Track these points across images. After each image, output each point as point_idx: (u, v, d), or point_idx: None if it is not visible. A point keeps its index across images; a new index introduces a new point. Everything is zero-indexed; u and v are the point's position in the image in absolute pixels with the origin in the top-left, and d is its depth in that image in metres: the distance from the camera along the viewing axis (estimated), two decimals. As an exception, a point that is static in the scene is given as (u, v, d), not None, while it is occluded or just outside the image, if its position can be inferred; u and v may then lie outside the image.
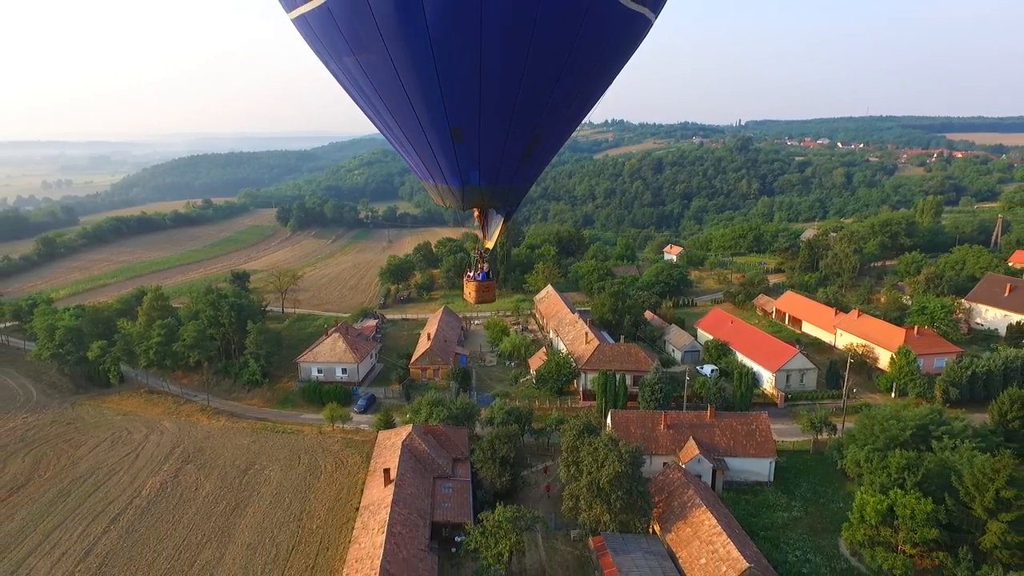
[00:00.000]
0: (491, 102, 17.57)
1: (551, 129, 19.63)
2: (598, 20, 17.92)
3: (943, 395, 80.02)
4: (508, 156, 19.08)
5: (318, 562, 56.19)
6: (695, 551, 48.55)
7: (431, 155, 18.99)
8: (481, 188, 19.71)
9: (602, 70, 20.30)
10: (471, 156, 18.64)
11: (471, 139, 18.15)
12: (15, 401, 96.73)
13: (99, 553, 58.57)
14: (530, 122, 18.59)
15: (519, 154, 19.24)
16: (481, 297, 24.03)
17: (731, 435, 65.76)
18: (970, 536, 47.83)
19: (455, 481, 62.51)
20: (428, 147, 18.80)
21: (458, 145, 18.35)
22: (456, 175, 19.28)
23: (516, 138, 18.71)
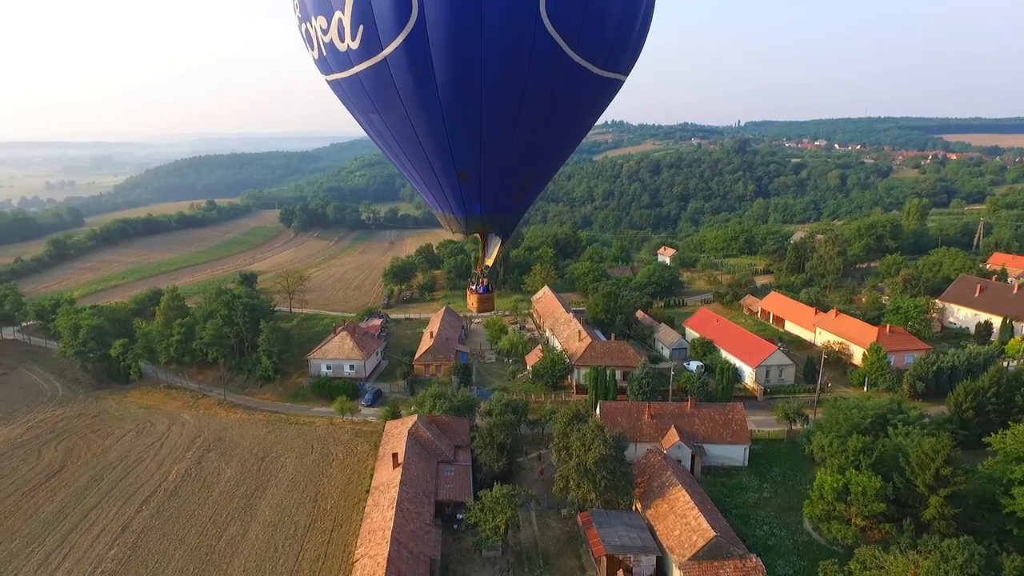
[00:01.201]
0: (489, 151, 23.69)
1: (540, 170, 25.77)
2: (576, 86, 24.05)
3: (910, 388, 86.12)
4: (504, 192, 25.22)
5: (333, 537, 62.22)
6: (671, 524, 54.59)
7: (441, 191, 25.14)
8: (482, 217, 25.83)
9: (581, 123, 26.48)
10: (473, 192, 24.76)
11: (473, 179, 24.27)
12: (43, 396, 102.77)
13: (134, 530, 64.62)
14: (522, 166, 24.74)
15: (514, 190, 25.39)
16: (482, 307, 30.34)
17: (709, 424, 71.83)
18: (914, 510, 53.75)
19: (457, 465, 68.58)
20: (438, 185, 24.93)
21: (463, 184, 24.46)
22: (461, 207, 25.40)
23: (511, 178, 24.85)
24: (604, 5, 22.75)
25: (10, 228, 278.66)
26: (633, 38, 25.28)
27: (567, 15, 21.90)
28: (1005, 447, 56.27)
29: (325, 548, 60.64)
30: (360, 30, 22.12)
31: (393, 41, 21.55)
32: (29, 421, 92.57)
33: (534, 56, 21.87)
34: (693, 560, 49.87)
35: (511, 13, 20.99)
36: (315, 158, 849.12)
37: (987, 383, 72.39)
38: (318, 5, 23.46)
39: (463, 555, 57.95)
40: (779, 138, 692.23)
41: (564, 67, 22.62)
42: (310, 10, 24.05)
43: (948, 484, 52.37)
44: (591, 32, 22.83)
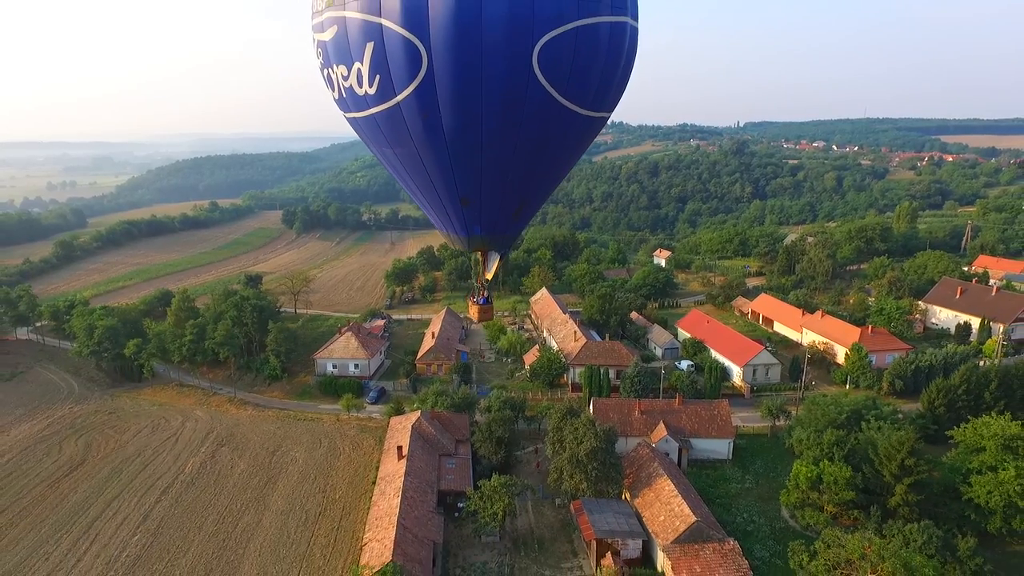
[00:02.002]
0: (488, 182, 27.99)
1: (533, 197, 30.14)
2: (565, 126, 28.37)
3: (889, 386, 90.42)
4: (502, 215, 29.54)
5: (342, 524, 66.46)
6: (656, 510, 58.84)
7: (445, 214, 29.43)
8: (482, 237, 30.16)
9: (570, 157, 30.85)
10: (474, 216, 29.07)
11: (474, 205, 28.58)
12: (60, 393, 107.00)
13: (155, 518, 68.87)
14: (517, 194, 29.10)
15: (510, 214, 29.74)
16: (482, 317, 35.02)
17: (696, 419, 76.09)
18: (881, 497, 57.94)
19: (458, 458, 72.81)
20: (443, 209, 29.23)
21: (465, 209, 28.75)
22: (464, 228, 29.69)
23: (507, 204, 29.20)
24: (589, 59, 27.03)
25: (15, 229, 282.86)
26: (615, 84, 29.54)
27: (556, 67, 26.18)
28: (965, 439, 60.45)
29: (335, 534, 64.86)
30: (377, 79, 26.38)
31: (405, 89, 25.81)
32: (49, 417, 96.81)
33: (528, 102, 26.14)
34: (675, 543, 54.12)
35: (508, 67, 25.24)
36: (315, 159, 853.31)
37: (958, 381, 76.65)
38: (339, 55, 27.69)
39: (463, 540, 62.19)
40: (778, 139, 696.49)
41: (554, 110, 26.90)
42: (332, 59, 28.28)
43: (912, 473, 56.63)
44: (578, 81, 27.11)
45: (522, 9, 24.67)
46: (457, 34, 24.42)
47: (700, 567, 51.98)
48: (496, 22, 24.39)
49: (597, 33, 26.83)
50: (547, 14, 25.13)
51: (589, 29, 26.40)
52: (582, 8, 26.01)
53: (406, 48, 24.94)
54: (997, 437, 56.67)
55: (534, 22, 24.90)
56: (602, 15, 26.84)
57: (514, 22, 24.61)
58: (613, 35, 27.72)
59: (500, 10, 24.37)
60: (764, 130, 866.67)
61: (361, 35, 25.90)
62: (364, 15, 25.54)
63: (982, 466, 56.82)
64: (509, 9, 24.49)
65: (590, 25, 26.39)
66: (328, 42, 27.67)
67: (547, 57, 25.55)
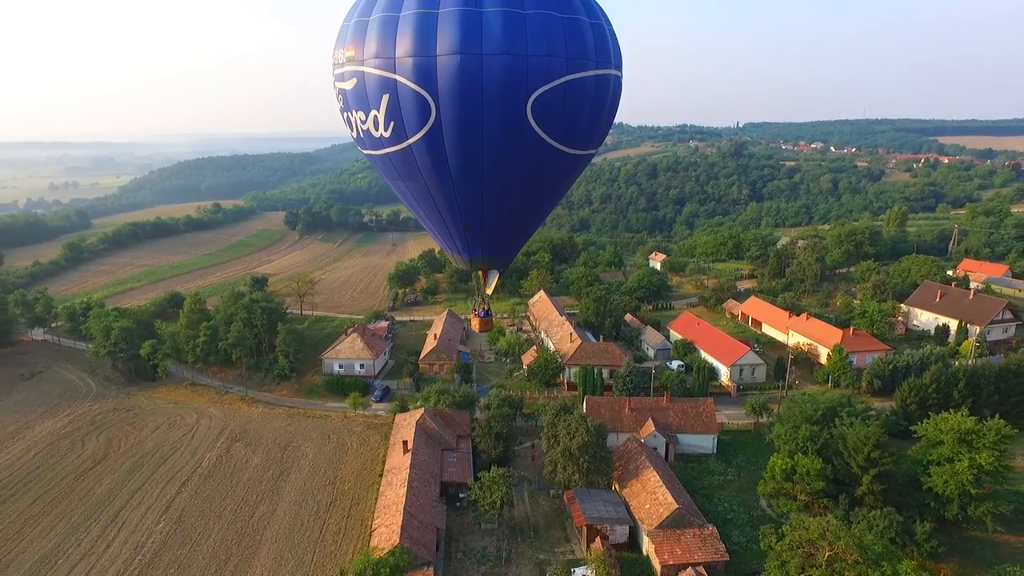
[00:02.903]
0: (489, 211, 32.95)
1: (527, 225, 35.22)
2: (555, 164, 33.28)
3: (868, 385, 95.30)
4: (500, 239, 34.52)
5: (351, 513, 71.41)
6: (642, 499, 63.77)
7: (451, 239, 34.36)
8: (483, 258, 35.13)
9: (559, 189, 35.91)
10: (476, 241, 34.00)
11: (477, 231, 33.53)
12: (79, 392, 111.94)
13: (176, 508, 73.85)
14: (513, 222, 34.13)
15: (507, 239, 34.75)
16: (483, 328, 40.35)
17: (682, 416, 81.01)
18: (849, 487, 62.81)
19: (459, 452, 77.77)
20: (449, 234, 34.15)
21: (468, 235, 33.68)
22: (467, 251, 34.62)
23: (505, 231, 34.24)
24: (577, 108, 31.93)
25: (22, 230, 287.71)
26: (601, 126, 34.51)
27: (548, 116, 31.07)
28: (927, 434, 65.30)
29: (345, 522, 69.83)
30: (391, 125, 31.28)
31: (416, 134, 30.69)
32: (70, 414, 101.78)
33: (523, 145, 31.03)
34: (659, 528, 59.08)
35: (506, 117, 30.11)
36: (316, 159, 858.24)
37: (928, 380, 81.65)
38: (358, 103, 32.56)
39: (464, 527, 67.16)
40: (776, 140, 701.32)
41: (546, 151, 31.79)
42: (352, 105, 33.15)
43: (877, 465, 61.54)
44: (567, 126, 32.03)
45: (517, 67, 29.52)
46: (461, 89, 29.27)
47: (681, 550, 56.91)
48: (495, 79, 29.23)
49: (584, 85, 31.70)
50: (539, 71, 29.99)
51: (577, 82, 31.29)
52: (570, 65, 30.89)
53: (417, 100, 29.82)
54: (954, 431, 61.50)
55: (528, 78, 29.75)
56: (588, 70, 31.73)
57: (510, 79, 29.46)
58: (598, 86, 32.60)
59: (498, 69, 29.21)
60: (763, 131, 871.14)
61: (378, 88, 30.77)
62: (381, 71, 30.41)
63: (940, 458, 61.71)
64: (506, 68, 29.33)
65: (578, 79, 31.27)
66: (348, 91, 32.52)
67: (540, 107, 30.43)
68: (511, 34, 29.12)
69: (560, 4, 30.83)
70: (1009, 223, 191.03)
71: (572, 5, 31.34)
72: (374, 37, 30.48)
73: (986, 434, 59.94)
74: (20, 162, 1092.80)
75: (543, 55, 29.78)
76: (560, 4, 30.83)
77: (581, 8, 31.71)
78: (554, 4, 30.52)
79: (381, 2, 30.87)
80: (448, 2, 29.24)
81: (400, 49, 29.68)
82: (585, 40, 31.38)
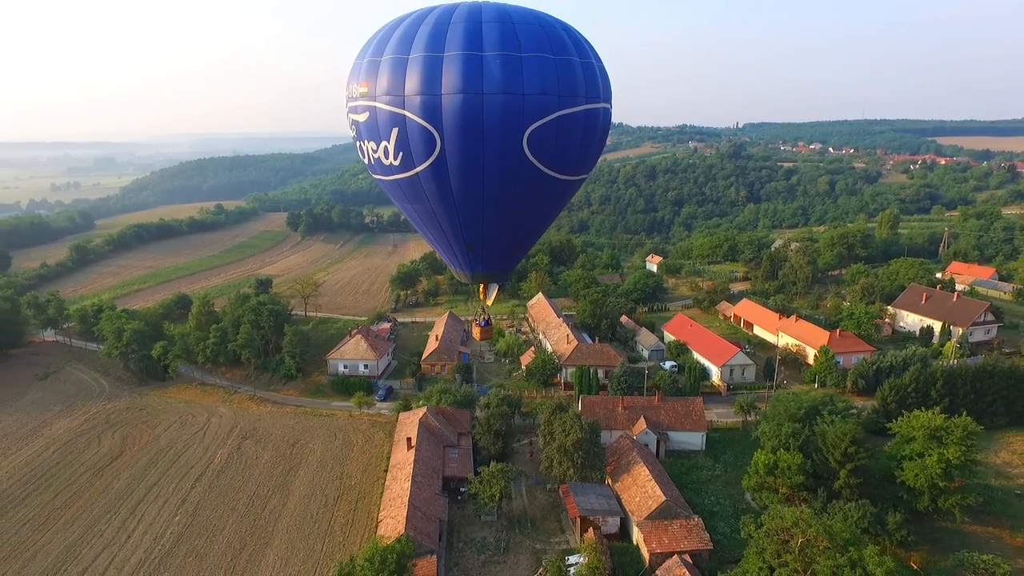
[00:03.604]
0: (489, 232, 36.90)
1: (523, 243, 39.32)
2: (549, 189, 37.20)
3: (853, 385, 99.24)
4: (499, 256, 38.52)
5: (358, 506, 75.33)
6: (632, 492, 67.69)
7: (454, 255, 38.29)
8: (483, 273, 39.16)
9: (554, 210, 39.93)
10: (477, 257, 37.96)
11: (478, 249, 37.50)
12: (93, 391, 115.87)
13: (192, 501, 77.78)
14: (511, 241, 38.12)
15: (506, 256, 38.80)
16: (483, 337, 44.86)
17: (673, 415, 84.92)
18: (827, 481, 66.72)
19: (460, 449, 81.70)
20: (452, 251, 38.08)
21: (470, 252, 37.62)
22: (469, 266, 38.57)
23: (503, 249, 38.23)
24: (568, 139, 35.79)
25: (28, 232, 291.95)
26: (591, 155, 38.48)
27: (542, 147, 34.92)
28: (901, 431, 69.21)
29: (352, 515, 73.76)
30: (400, 155, 35.17)
31: (423, 164, 34.58)
32: (85, 413, 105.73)
33: (519, 173, 34.92)
34: (648, 519, 63.02)
35: (504, 149, 33.99)
36: (317, 160, 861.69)
37: (908, 380, 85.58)
38: (370, 134, 36.42)
39: (465, 519, 71.09)
40: (775, 141, 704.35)
41: (540, 178, 35.69)
42: (364, 135, 37.02)
43: (853, 460, 65.44)
44: (560, 156, 35.93)
45: (514, 105, 33.38)
46: (464, 124, 33.11)
47: (668, 539, 60.86)
48: (494, 115, 33.09)
49: (575, 119, 35.58)
50: (534, 108, 33.88)
51: (568, 116, 35.19)
52: (562, 101, 34.78)
53: (424, 134, 33.69)
54: (924, 428, 65.36)
55: (524, 115, 33.62)
56: (579, 105, 35.64)
57: (508, 115, 33.32)
58: (588, 119, 36.50)
59: (497, 107, 33.08)
60: (763, 131, 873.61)
61: (389, 121, 34.64)
62: (391, 107, 34.29)
63: (912, 453, 65.59)
64: (504, 106, 33.19)
65: (569, 113, 35.17)
66: (361, 123, 36.41)
67: (535, 140, 34.31)
68: (508, 75, 32.98)
69: (553, 46, 34.70)
70: (998, 226, 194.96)
71: (564, 47, 35.22)
72: (386, 76, 34.36)
73: (954, 431, 63.81)
74: (21, 162, 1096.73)
75: (537, 93, 33.64)
76: (553, 46, 34.70)
77: (572, 49, 35.59)
78: (547, 47, 34.37)
79: (392, 44, 34.73)
80: (452, 47, 33.12)
81: (409, 88, 33.55)
82: (576, 78, 35.26)
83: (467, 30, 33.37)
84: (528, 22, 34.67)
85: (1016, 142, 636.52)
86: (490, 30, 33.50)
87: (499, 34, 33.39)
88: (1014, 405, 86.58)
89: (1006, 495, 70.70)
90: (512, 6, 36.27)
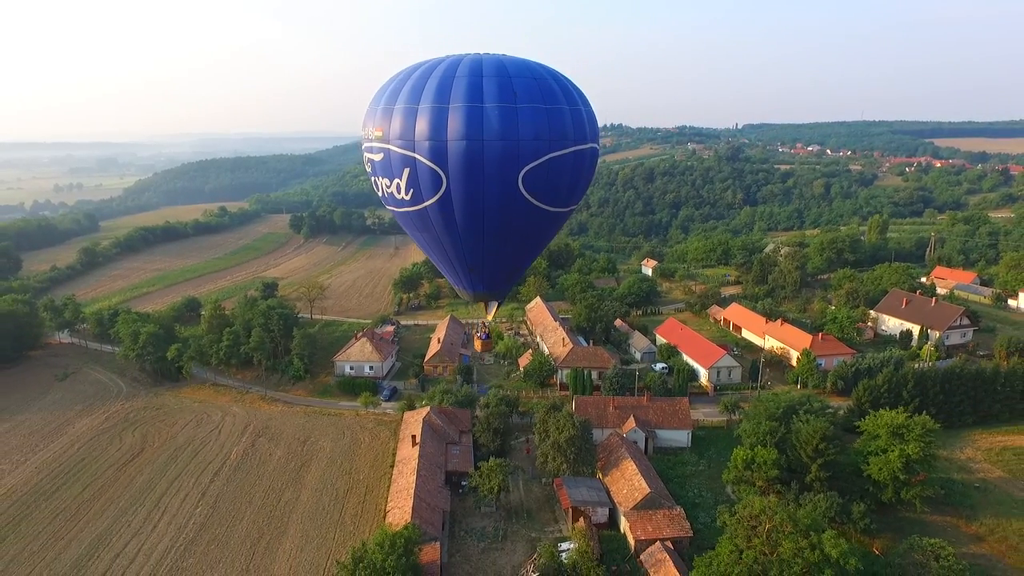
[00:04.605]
0: (489, 257, 42.78)
1: (520, 266, 45.32)
2: (541, 220, 43.04)
3: (833, 386, 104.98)
4: (498, 278, 44.44)
5: (366, 499, 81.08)
6: (620, 485, 73.44)
7: (458, 277, 44.10)
8: (484, 292, 45.13)
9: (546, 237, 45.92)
10: (479, 279, 43.82)
11: (479, 271, 43.32)
12: (111, 392, 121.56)
13: (211, 494, 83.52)
14: (508, 265, 44.05)
15: (505, 277, 44.74)
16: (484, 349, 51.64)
17: (661, 414, 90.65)
18: (800, 475, 72.50)
19: (461, 445, 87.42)
20: (456, 273, 43.89)
21: (472, 274, 43.44)
22: (471, 286, 44.41)
23: (502, 271, 44.17)
24: (559, 178, 41.50)
25: (35, 234, 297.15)
26: (578, 189, 44.35)
27: (535, 185, 40.62)
28: (868, 428, 74.94)
29: (361, 507, 79.52)
30: (411, 191, 40.93)
31: (431, 199, 40.31)
32: (105, 412, 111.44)
33: (515, 207, 40.67)
34: (633, 509, 68.76)
35: (502, 187, 39.67)
36: (318, 161, 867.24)
37: (881, 382, 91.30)
38: (384, 171, 42.12)
39: (466, 510, 76.84)
40: (774, 142, 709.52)
41: (533, 211, 41.43)
42: (379, 172, 42.73)
43: (823, 455, 71.23)
44: (551, 192, 41.70)
45: (510, 149, 39.08)
46: (467, 167, 38.82)
47: (652, 527, 66.63)
48: (493, 159, 38.77)
49: (564, 160, 41.31)
50: (528, 152, 39.59)
51: (558, 158, 40.94)
52: (552, 145, 40.52)
53: (432, 174, 39.41)
54: (888, 426, 71.14)
55: (519, 158, 39.35)
56: (568, 148, 41.40)
57: (505, 158, 39.02)
58: (576, 159, 42.23)
59: (496, 151, 38.76)
60: (762, 132, 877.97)
61: (401, 162, 40.35)
62: (403, 151, 40.02)
63: (877, 449, 71.36)
64: (502, 150, 38.88)
65: (559, 155, 40.92)
66: (377, 162, 42.14)
67: (529, 179, 40.05)
68: (506, 124, 38.72)
69: (544, 97, 40.41)
70: (983, 231, 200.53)
71: (555, 96, 40.93)
72: (399, 123, 40.08)
73: (914, 428, 69.57)
74: (23, 163, 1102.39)
75: (531, 139, 39.40)
76: (544, 97, 40.41)
77: (562, 98, 41.31)
78: (539, 97, 40.09)
79: (404, 95, 40.45)
80: (456, 99, 38.83)
81: (419, 134, 39.27)
82: (565, 124, 40.99)
83: (470, 84, 39.10)
84: (523, 75, 40.35)
85: (1013, 143, 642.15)
86: (490, 84, 39.21)
87: (497, 87, 39.09)
88: (980, 405, 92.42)
89: (966, 488, 76.52)
90: (509, 59, 41.98)
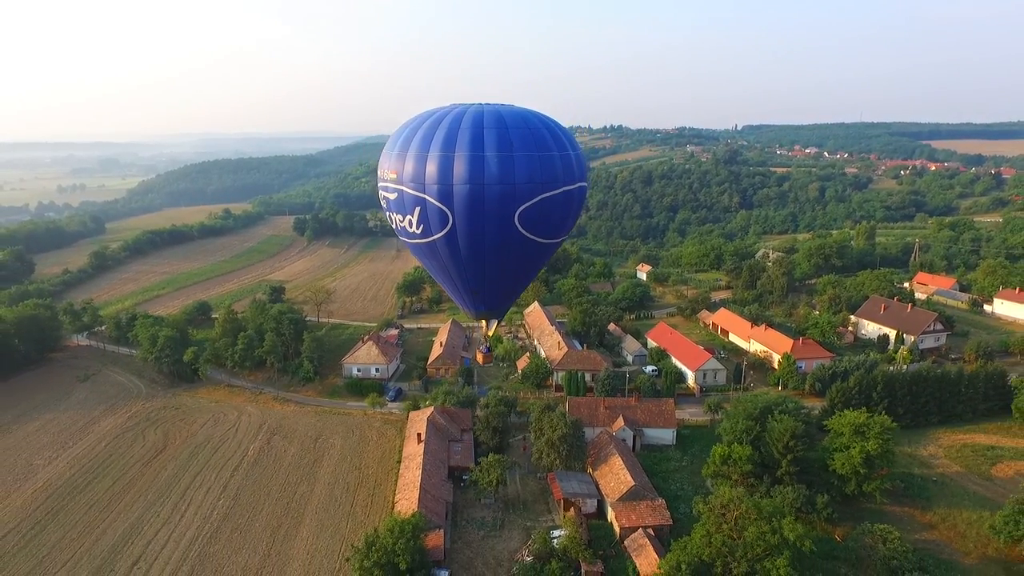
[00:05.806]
0: (489, 282, 49.91)
1: (516, 289, 52.54)
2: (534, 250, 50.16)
3: (811, 387, 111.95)
4: (497, 299, 51.58)
5: (375, 492, 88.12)
6: (608, 479, 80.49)
7: (462, 298, 51.18)
8: (485, 311, 52.27)
9: (539, 265, 52.83)
10: (481, 300, 50.93)
11: (481, 294, 50.42)
12: (131, 392, 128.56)
13: (232, 488, 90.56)
14: (507, 287, 51.25)
15: (503, 298, 51.84)
16: (485, 362, 58.70)
17: (648, 413, 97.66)
18: (772, 469, 79.52)
19: (462, 443, 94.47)
20: (461, 295, 50.95)
21: (474, 296, 50.53)
22: (474, 306, 51.53)
23: (501, 293, 51.32)
24: (550, 214, 48.39)
25: (44, 236, 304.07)
26: (568, 223, 51.44)
27: (530, 221, 47.50)
28: (834, 427, 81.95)
29: (370, 499, 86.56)
30: (421, 226, 47.90)
31: (439, 233, 47.28)
32: (127, 411, 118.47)
33: (512, 240, 47.61)
34: (619, 501, 75.81)
35: (500, 224, 46.55)
36: (319, 162, 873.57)
37: (852, 384, 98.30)
38: (398, 208, 49.06)
39: (467, 502, 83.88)
40: (772, 144, 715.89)
41: (528, 243, 48.42)
42: (393, 209, 49.72)
43: (792, 451, 78.25)
44: (544, 226, 48.68)
45: (508, 192, 45.94)
46: (470, 207, 45.74)
47: (635, 516, 73.67)
48: (493, 200, 45.65)
49: (555, 199, 48.17)
50: (523, 193, 46.47)
51: (550, 198, 47.82)
52: (545, 187, 47.40)
53: (440, 212, 46.39)
54: (851, 425, 78.16)
55: (515, 199, 46.21)
56: (558, 188, 48.32)
57: (503, 200, 45.90)
58: (566, 198, 49.13)
59: (495, 194, 45.64)
60: (761, 134, 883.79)
61: (412, 202, 47.30)
62: (415, 192, 46.99)
63: (841, 445, 78.37)
64: (500, 192, 45.79)
65: (550, 196, 47.81)
66: (391, 199, 49.16)
67: (524, 216, 47.01)
68: (504, 170, 45.68)
69: (537, 144, 47.36)
70: (966, 238, 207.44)
71: (546, 144, 47.87)
72: (411, 167, 47.06)
73: (874, 427, 76.58)
74: (25, 163, 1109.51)
75: (525, 182, 46.37)
76: (537, 144, 47.36)
77: (553, 145, 48.27)
78: (533, 146, 47.04)
79: (416, 143, 47.40)
80: (461, 148, 45.78)
81: (428, 178, 46.25)
82: (555, 168, 47.94)
83: (472, 135, 46.08)
84: (518, 126, 47.33)
85: (1009, 145, 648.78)
86: (490, 134, 46.19)
87: (496, 138, 46.08)
88: (944, 406, 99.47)
89: (924, 481, 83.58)
90: (507, 109, 48.95)
